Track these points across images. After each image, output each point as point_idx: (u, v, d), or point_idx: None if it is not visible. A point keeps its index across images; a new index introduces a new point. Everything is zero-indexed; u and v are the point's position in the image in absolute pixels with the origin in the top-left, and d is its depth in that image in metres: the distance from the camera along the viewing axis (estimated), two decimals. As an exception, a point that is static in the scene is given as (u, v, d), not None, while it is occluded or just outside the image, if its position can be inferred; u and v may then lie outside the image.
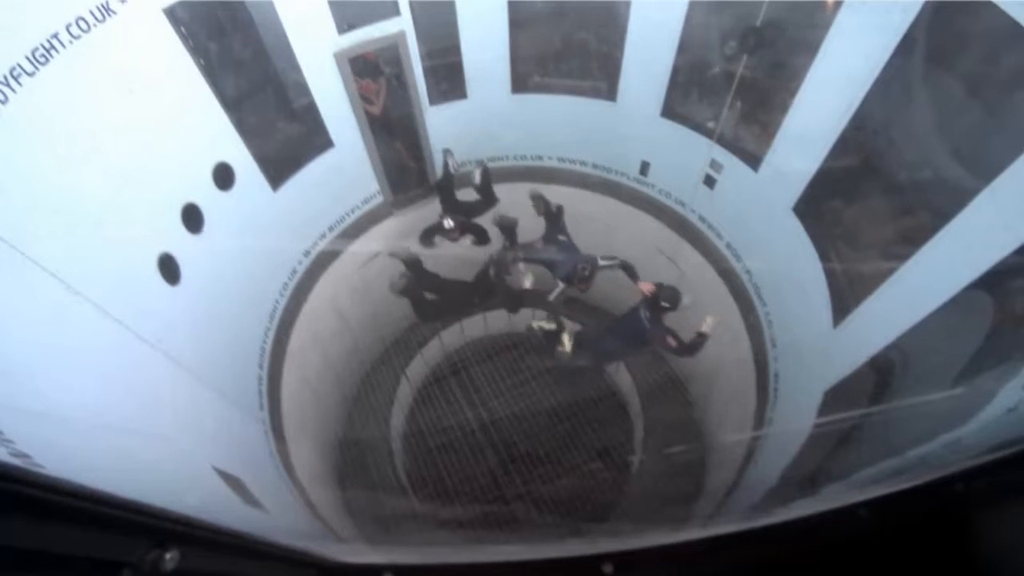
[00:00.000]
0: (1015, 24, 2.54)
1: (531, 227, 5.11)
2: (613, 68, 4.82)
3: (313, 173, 4.78)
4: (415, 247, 5.16)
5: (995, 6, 2.59)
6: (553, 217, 4.96)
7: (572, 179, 5.77)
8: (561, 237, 4.85)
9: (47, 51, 2.52)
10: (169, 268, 3.36)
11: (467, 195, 5.37)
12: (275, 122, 4.77)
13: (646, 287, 4.33)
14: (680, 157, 4.96)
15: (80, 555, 0.82)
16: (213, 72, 3.75)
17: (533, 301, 6.10)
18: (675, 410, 6.37)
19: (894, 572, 1.17)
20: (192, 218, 3.60)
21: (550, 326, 4.89)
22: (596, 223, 5.78)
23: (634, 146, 5.29)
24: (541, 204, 5.02)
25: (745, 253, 4.94)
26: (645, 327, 4.31)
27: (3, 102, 2.33)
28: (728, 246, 5.06)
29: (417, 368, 6.88)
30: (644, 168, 5.39)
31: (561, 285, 4.69)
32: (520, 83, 5.19)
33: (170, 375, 3.24)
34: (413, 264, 5.12)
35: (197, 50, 3.54)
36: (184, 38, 3.37)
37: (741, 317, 4.99)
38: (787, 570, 1.18)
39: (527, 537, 5.10)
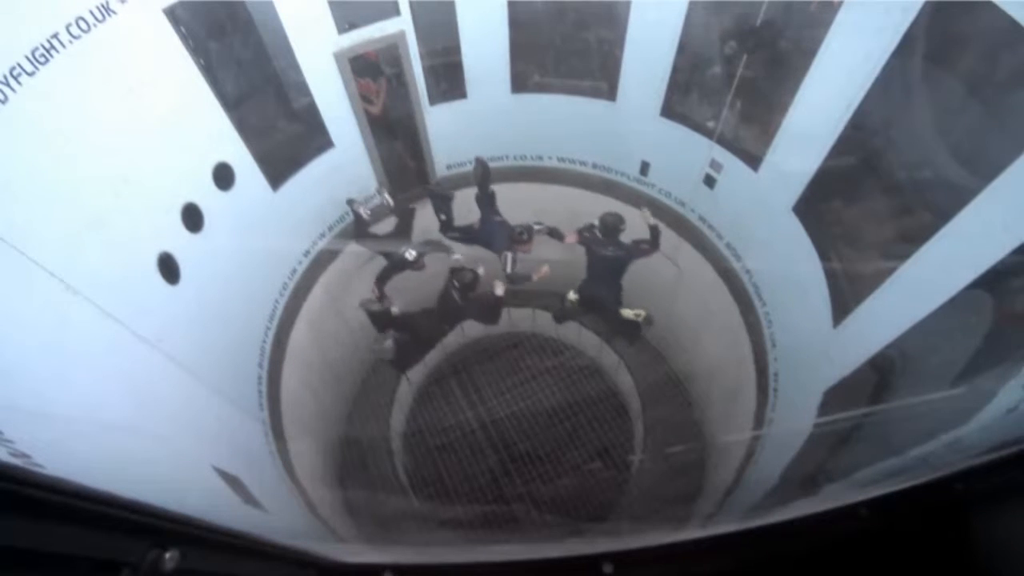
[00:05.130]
0: (1015, 24, 2.53)
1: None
2: (613, 68, 4.82)
3: (313, 173, 4.78)
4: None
5: (995, 6, 2.59)
6: (488, 199, 5.10)
7: (572, 179, 5.77)
8: (497, 217, 5.02)
9: (47, 51, 2.52)
10: (169, 268, 3.36)
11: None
12: (275, 122, 4.77)
13: (571, 238, 4.83)
14: (680, 157, 4.96)
15: (80, 555, 0.82)
16: (213, 72, 3.75)
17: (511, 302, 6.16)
18: (675, 410, 6.37)
19: (894, 572, 1.17)
20: (192, 218, 3.60)
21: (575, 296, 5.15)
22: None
23: (634, 146, 5.29)
24: (479, 169, 5.15)
25: (745, 253, 4.93)
26: (618, 256, 4.69)
27: (3, 102, 2.33)
28: (728, 246, 5.05)
29: (417, 368, 6.87)
30: (644, 168, 5.39)
31: (509, 255, 4.81)
32: (520, 83, 5.19)
33: (170, 375, 3.24)
34: (380, 315, 5.04)
35: (197, 50, 3.54)
36: (184, 38, 3.37)
37: (741, 317, 4.99)
38: (787, 570, 1.18)
39: (527, 537, 5.10)
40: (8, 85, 2.35)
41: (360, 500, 5.38)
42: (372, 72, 4.97)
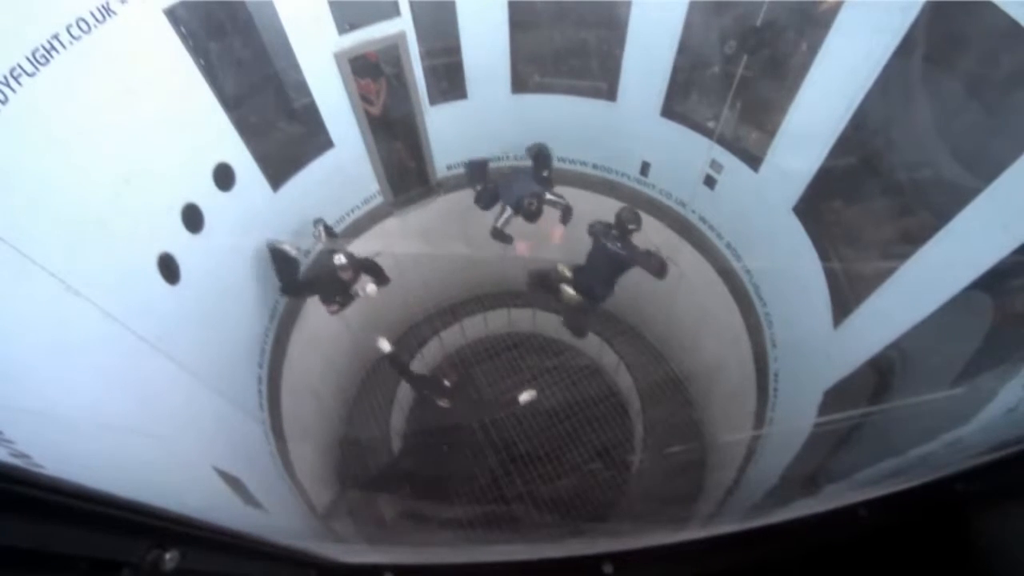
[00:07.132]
0: (1015, 24, 2.53)
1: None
2: (613, 68, 4.82)
3: (313, 173, 4.79)
4: None
5: (995, 6, 2.59)
6: (543, 158, 5.16)
7: (572, 179, 5.77)
8: (544, 173, 5.06)
9: (47, 52, 2.52)
10: (169, 268, 3.36)
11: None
12: (275, 122, 4.77)
13: (556, 233, 4.91)
14: (680, 157, 4.96)
15: (80, 555, 0.82)
16: (213, 72, 3.75)
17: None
18: (675, 410, 6.37)
19: (894, 572, 1.17)
20: (192, 218, 3.60)
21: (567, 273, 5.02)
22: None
23: (634, 146, 5.29)
24: (535, 147, 5.25)
25: (745, 253, 4.93)
26: (618, 253, 4.56)
27: (3, 102, 2.33)
28: (728, 246, 5.05)
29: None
30: (644, 168, 5.39)
31: (508, 211, 4.76)
32: (520, 83, 5.19)
33: (170, 375, 3.24)
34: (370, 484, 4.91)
35: (197, 50, 3.54)
36: (184, 38, 3.37)
37: (741, 317, 4.99)
38: (787, 570, 1.18)
39: (527, 537, 5.10)
40: (8, 86, 2.35)
41: (360, 500, 5.38)
42: (372, 72, 4.97)
